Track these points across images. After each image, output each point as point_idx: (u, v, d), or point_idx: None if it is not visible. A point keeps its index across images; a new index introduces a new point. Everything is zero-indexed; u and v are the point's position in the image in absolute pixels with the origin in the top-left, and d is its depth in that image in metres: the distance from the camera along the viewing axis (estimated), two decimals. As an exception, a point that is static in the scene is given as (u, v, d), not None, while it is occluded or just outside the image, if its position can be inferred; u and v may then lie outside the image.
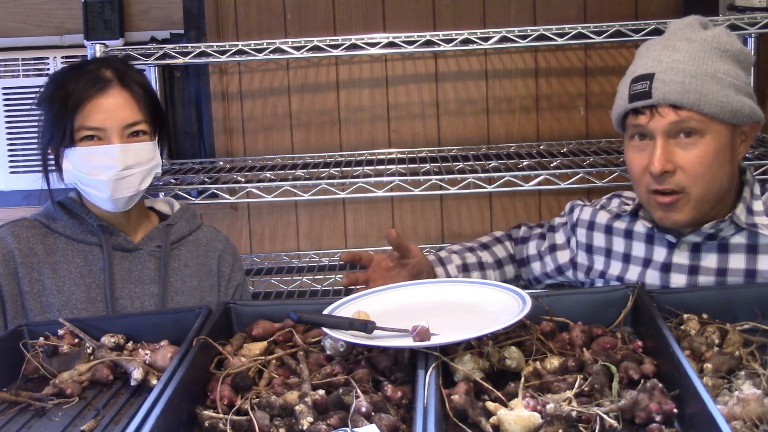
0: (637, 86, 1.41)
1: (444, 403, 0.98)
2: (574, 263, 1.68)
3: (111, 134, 1.54)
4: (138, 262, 1.64)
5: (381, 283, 1.53)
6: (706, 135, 1.39)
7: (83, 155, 1.54)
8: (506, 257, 1.75)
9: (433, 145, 2.61)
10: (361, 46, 2.12)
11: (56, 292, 1.56)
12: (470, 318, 1.20)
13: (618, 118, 1.49)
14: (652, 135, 1.41)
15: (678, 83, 1.37)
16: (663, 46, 1.43)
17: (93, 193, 1.56)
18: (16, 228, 1.61)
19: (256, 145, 2.63)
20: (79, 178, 1.56)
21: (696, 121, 1.38)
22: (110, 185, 1.54)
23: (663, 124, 1.39)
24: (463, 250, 1.71)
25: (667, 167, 1.39)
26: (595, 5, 2.54)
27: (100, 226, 1.61)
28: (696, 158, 1.39)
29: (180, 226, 1.71)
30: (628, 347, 1.16)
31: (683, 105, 1.37)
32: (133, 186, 1.57)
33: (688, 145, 1.39)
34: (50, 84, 1.60)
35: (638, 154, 1.45)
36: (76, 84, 1.55)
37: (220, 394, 1.04)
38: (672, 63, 1.39)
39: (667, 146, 1.40)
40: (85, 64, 1.64)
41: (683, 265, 1.50)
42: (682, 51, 1.40)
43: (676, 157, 1.40)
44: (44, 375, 1.21)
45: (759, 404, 0.91)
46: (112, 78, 1.57)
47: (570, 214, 1.71)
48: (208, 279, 1.71)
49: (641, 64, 1.43)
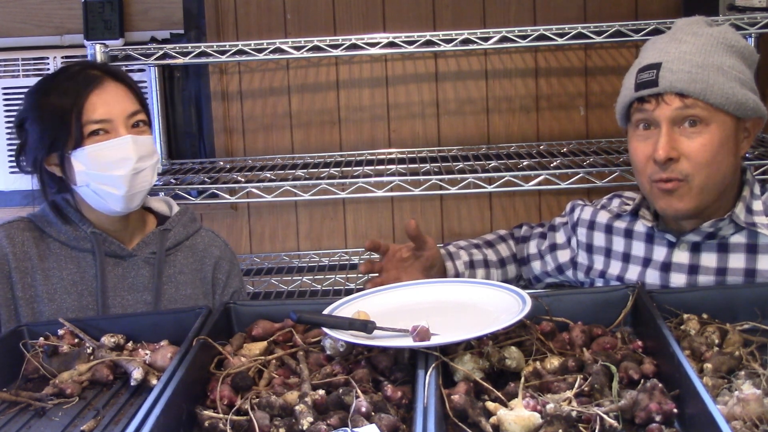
0: (643, 75, 1.42)
1: (444, 403, 0.98)
2: (574, 263, 1.68)
3: (117, 125, 1.51)
4: (132, 269, 1.60)
5: (394, 273, 1.55)
6: (710, 124, 1.40)
7: (95, 152, 1.49)
8: (509, 256, 1.75)
9: (433, 145, 2.61)
10: (361, 46, 2.12)
11: (47, 300, 1.54)
12: (470, 318, 1.20)
13: (623, 108, 1.49)
14: (657, 123, 1.42)
15: (685, 72, 1.38)
16: (670, 39, 1.45)
17: (108, 191, 1.51)
18: (12, 230, 1.58)
19: (256, 145, 2.63)
20: (92, 178, 1.51)
21: (701, 109, 1.39)
22: (128, 180, 1.50)
23: (668, 112, 1.40)
24: (469, 246, 1.72)
25: (672, 154, 1.40)
26: (595, 5, 2.54)
27: (93, 233, 1.57)
28: (700, 146, 1.40)
29: (177, 232, 1.67)
30: (628, 347, 1.16)
31: (689, 93, 1.38)
32: (147, 181, 1.54)
33: (693, 134, 1.40)
34: (33, 96, 1.55)
35: (642, 143, 1.45)
36: (67, 86, 1.51)
37: (220, 394, 1.04)
38: (679, 54, 1.40)
39: (672, 134, 1.41)
40: (65, 70, 1.58)
41: (683, 265, 1.50)
42: (689, 43, 1.41)
43: (681, 145, 1.41)
44: (44, 375, 1.21)
45: (759, 404, 0.91)
46: (102, 74, 1.54)
47: (571, 214, 1.72)
48: (202, 286, 1.68)
49: (648, 55, 1.45)
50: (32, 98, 1.55)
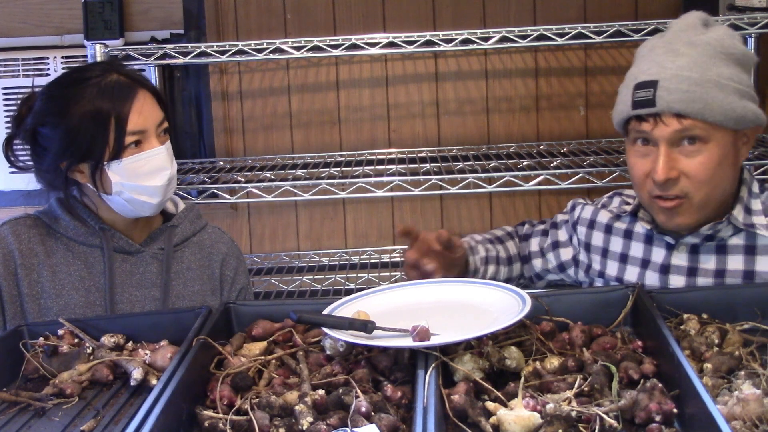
0: (640, 93, 1.40)
1: (444, 403, 0.98)
2: (576, 260, 1.68)
3: (150, 135, 1.50)
4: (140, 265, 1.61)
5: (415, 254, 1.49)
6: (709, 142, 1.38)
7: (132, 164, 1.48)
8: (515, 254, 1.74)
9: (433, 145, 2.61)
10: (361, 46, 2.12)
11: (54, 296, 1.54)
12: (470, 318, 1.20)
13: (620, 122, 1.47)
14: (655, 142, 1.41)
15: (682, 92, 1.36)
16: (666, 50, 1.42)
17: (143, 200, 1.51)
18: (18, 226, 1.57)
19: (256, 145, 2.63)
20: (128, 188, 1.50)
21: (700, 129, 1.37)
22: (164, 190, 1.52)
23: (667, 133, 1.38)
24: (484, 241, 1.70)
25: (671, 174, 1.39)
26: (595, 5, 2.54)
27: (101, 228, 1.57)
28: (700, 165, 1.39)
29: (184, 228, 1.67)
30: (628, 347, 1.16)
31: (687, 114, 1.36)
32: (174, 186, 1.57)
33: (692, 152, 1.39)
34: (56, 102, 1.51)
35: (640, 159, 1.44)
36: (102, 96, 1.48)
37: (220, 394, 1.04)
38: (676, 70, 1.37)
39: (671, 153, 1.39)
40: (85, 77, 1.52)
41: (682, 267, 1.50)
42: (685, 56, 1.38)
43: (680, 164, 1.39)
44: (44, 375, 1.21)
45: (759, 404, 0.91)
46: (132, 83, 1.52)
47: (572, 212, 1.71)
48: (210, 283, 1.68)
49: (644, 69, 1.42)
50: (54, 104, 1.51)
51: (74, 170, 1.53)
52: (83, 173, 1.52)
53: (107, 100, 1.48)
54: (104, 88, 1.49)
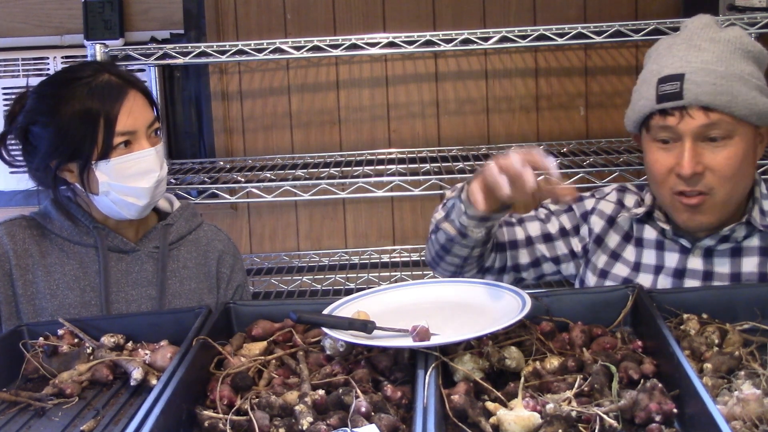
0: (666, 87, 1.38)
1: (444, 403, 0.98)
2: (574, 253, 1.62)
3: (140, 136, 1.50)
4: (135, 264, 1.60)
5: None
6: (734, 137, 1.38)
7: (121, 164, 1.48)
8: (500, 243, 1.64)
9: (433, 145, 2.61)
10: (361, 46, 2.12)
11: (49, 296, 1.54)
12: (470, 318, 1.20)
13: (639, 118, 1.45)
14: (679, 137, 1.39)
15: (710, 84, 1.35)
16: (688, 45, 1.40)
17: (129, 202, 1.51)
18: (13, 227, 1.57)
19: (256, 145, 2.63)
20: (115, 189, 1.50)
21: (726, 123, 1.37)
22: (151, 192, 1.51)
23: (693, 126, 1.37)
24: None
25: (697, 169, 1.38)
26: (595, 5, 2.54)
27: (96, 227, 1.57)
28: (725, 160, 1.38)
29: (179, 226, 1.67)
30: (628, 347, 1.15)
31: (715, 107, 1.35)
32: (162, 189, 1.56)
33: (717, 147, 1.38)
34: (47, 101, 1.51)
35: (663, 155, 1.42)
36: (92, 96, 1.48)
37: (220, 394, 1.04)
38: (701, 63, 1.37)
39: (696, 148, 1.38)
40: (76, 76, 1.52)
41: (697, 271, 1.48)
42: (708, 51, 1.38)
43: (705, 159, 1.38)
44: (44, 375, 1.21)
45: (759, 404, 0.91)
46: (123, 84, 1.52)
47: (580, 201, 1.63)
48: (206, 281, 1.68)
49: (667, 63, 1.40)
50: (45, 103, 1.51)
51: (63, 169, 1.53)
52: (72, 173, 1.53)
53: (97, 100, 1.48)
54: (94, 87, 1.50)
